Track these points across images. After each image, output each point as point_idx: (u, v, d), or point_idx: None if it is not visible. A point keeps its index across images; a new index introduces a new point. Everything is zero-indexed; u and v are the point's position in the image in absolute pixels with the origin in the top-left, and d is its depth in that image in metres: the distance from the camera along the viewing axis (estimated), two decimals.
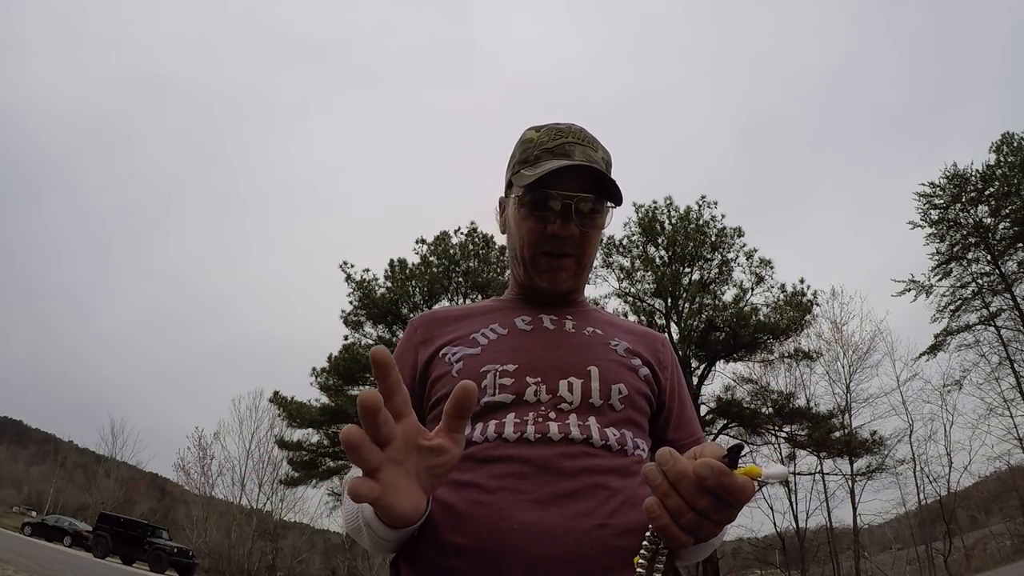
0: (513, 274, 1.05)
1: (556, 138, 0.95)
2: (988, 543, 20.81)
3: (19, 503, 38.86)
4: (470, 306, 1.05)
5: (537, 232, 0.94)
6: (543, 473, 0.76)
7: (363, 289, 19.67)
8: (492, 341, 0.93)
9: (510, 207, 1.01)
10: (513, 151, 1.02)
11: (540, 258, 0.96)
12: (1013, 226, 20.07)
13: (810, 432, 18.18)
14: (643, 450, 0.88)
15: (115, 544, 21.30)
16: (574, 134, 0.96)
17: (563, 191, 0.91)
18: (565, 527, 0.72)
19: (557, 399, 0.84)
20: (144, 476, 39.58)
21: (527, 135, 1.00)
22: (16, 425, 63.61)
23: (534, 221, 0.94)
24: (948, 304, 21.15)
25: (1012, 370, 19.29)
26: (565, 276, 0.97)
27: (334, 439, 20.62)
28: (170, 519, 30.90)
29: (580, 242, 0.94)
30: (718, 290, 18.24)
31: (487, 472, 0.78)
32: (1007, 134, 20.55)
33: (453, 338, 0.95)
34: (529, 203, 0.94)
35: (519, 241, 0.98)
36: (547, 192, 0.91)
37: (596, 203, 0.93)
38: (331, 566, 27.04)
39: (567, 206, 0.91)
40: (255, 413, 26.14)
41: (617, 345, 0.95)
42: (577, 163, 0.90)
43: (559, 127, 0.98)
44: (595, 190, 0.92)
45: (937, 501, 18.98)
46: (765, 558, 21.20)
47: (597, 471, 0.78)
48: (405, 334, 1.02)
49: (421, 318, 1.03)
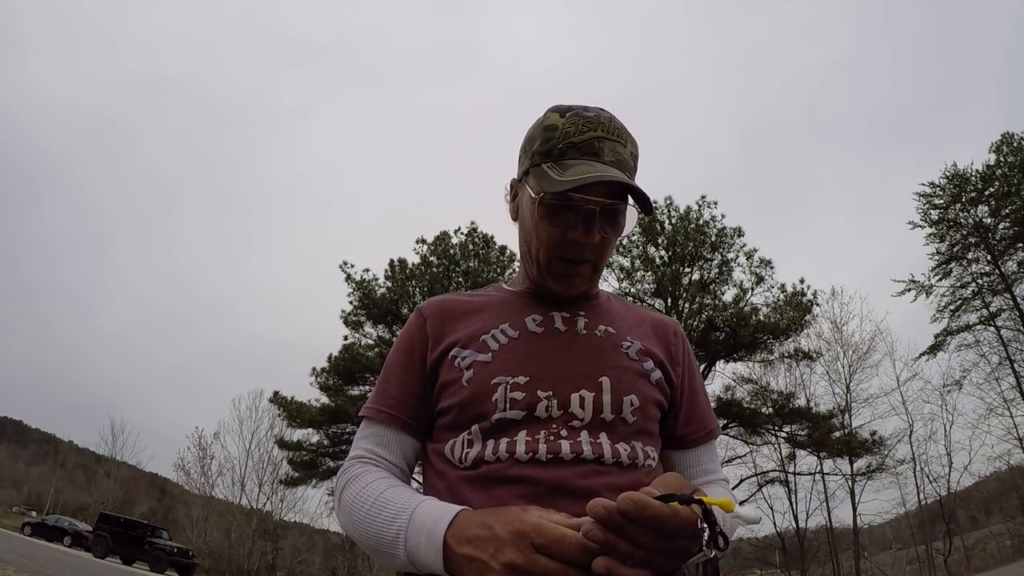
0: (524, 267, 1.00)
1: (584, 130, 0.88)
2: (988, 543, 20.80)
3: (19, 503, 38.87)
4: (480, 296, 1.02)
5: (556, 236, 0.89)
6: (555, 494, 0.76)
7: (363, 289, 19.67)
8: (503, 346, 0.90)
9: (526, 199, 0.94)
10: (532, 133, 0.95)
11: (556, 263, 0.91)
12: (1013, 226, 20.07)
13: (810, 432, 18.17)
14: (653, 458, 0.89)
15: (115, 544, 21.29)
16: (603, 125, 0.89)
17: (589, 195, 0.85)
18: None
19: (568, 415, 0.83)
20: (144, 476, 39.57)
21: (550, 120, 0.92)
22: (16, 425, 63.60)
23: (554, 225, 0.89)
24: (948, 304, 21.17)
25: (1012, 370, 19.30)
26: (580, 282, 0.94)
27: (334, 439, 20.62)
28: (170, 519, 30.88)
29: (599, 248, 0.91)
30: (718, 290, 18.23)
31: (500, 494, 0.77)
32: (1007, 134, 20.56)
33: (463, 337, 0.92)
34: (551, 206, 0.88)
35: (536, 242, 0.92)
36: (571, 198, 0.85)
37: (622, 212, 0.89)
38: (331, 566, 27.05)
39: (591, 212, 0.86)
40: (255, 413, 26.20)
41: (629, 347, 0.93)
42: (607, 178, 0.84)
43: (587, 115, 0.90)
44: (621, 196, 0.88)
45: (937, 501, 18.98)
46: (765, 558, 21.21)
47: (609, 489, 0.77)
48: (413, 321, 0.98)
49: (431, 305, 0.99)
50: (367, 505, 0.81)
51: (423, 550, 0.71)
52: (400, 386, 0.94)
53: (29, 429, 62.73)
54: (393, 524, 0.76)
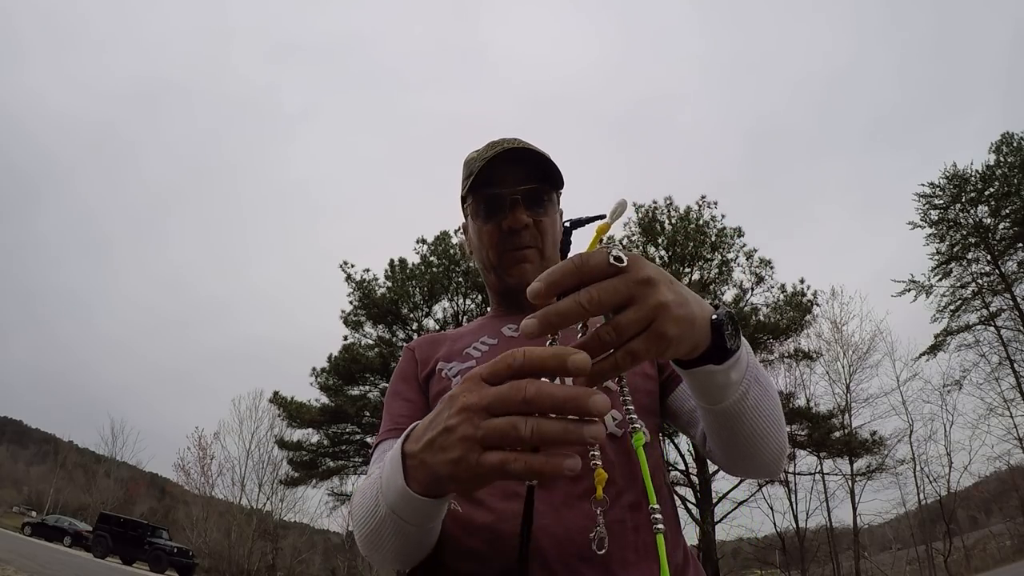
0: (488, 287, 1.08)
1: (492, 148, 0.98)
2: (988, 543, 20.82)
3: (19, 503, 38.87)
4: (460, 329, 1.08)
5: (494, 233, 0.98)
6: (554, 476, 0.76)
7: (363, 289, 19.67)
8: (484, 353, 0.95)
9: (469, 223, 1.05)
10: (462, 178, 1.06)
11: (504, 256, 0.99)
12: (1013, 226, 20.08)
13: (810, 432, 18.18)
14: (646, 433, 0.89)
15: (115, 544, 21.31)
16: (508, 141, 0.99)
17: (505, 188, 0.96)
18: (582, 527, 0.73)
19: None
20: (144, 476, 39.65)
21: (468, 157, 1.04)
22: (16, 425, 63.65)
23: (489, 224, 0.98)
24: (948, 304, 21.17)
25: (1012, 370, 19.31)
26: (530, 268, 0.98)
27: (334, 439, 20.64)
28: (170, 519, 30.91)
29: (537, 232, 0.97)
30: (718, 290, 18.23)
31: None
32: (1007, 134, 20.57)
33: (446, 353, 0.98)
34: (480, 209, 0.99)
35: (482, 248, 1.01)
36: (491, 192, 0.96)
37: (539, 190, 0.97)
38: (331, 566, 27.04)
39: (513, 200, 0.95)
40: (255, 413, 26.18)
41: None
42: (500, 148, 0.94)
43: (495, 140, 1.01)
44: (537, 180, 0.96)
45: (937, 501, 19.00)
46: (765, 558, 21.19)
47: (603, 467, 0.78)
48: (404, 356, 1.04)
49: (416, 341, 1.07)
50: (361, 491, 0.77)
51: (388, 478, 0.63)
52: (404, 404, 0.96)
53: (29, 429, 62.81)
54: (374, 486, 0.69)
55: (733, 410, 0.68)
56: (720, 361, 0.62)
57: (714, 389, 0.66)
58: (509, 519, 0.74)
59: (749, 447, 0.73)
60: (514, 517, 0.71)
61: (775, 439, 0.74)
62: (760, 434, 0.72)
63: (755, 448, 0.73)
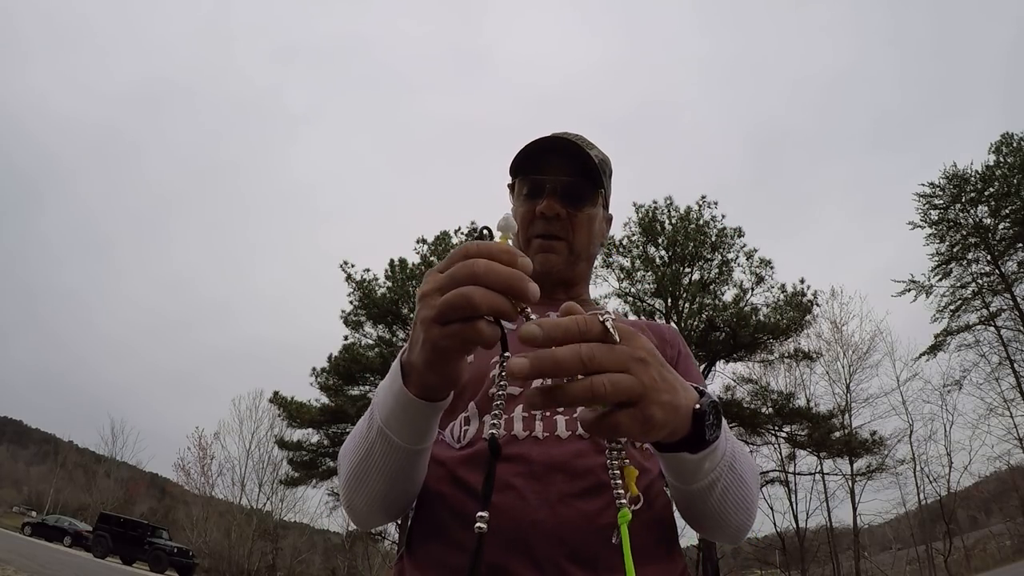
0: None
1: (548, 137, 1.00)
2: (988, 543, 20.82)
3: (19, 503, 38.90)
4: None
5: (528, 216, 0.99)
6: (552, 472, 0.76)
7: (363, 289, 19.68)
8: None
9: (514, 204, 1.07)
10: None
11: (532, 241, 1.00)
12: (1013, 226, 20.07)
13: (810, 432, 18.19)
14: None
15: (115, 544, 21.31)
16: (567, 133, 1.00)
17: (547, 175, 0.97)
18: (574, 526, 0.72)
19: None
20: (144, 476, 39.64)
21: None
22: (16, 425, 63.66)
23: (525, 206, 1.00)
24: (948, 304, 21.15)
25: (1012, 370, 19.30)
26: (556, 259, 0.99)
27: (334, 439, 20.63)
28: (170, 519, 30.90)
29: (569, 226, 0.98)
30: (718, 290, 18.24)
31: (497, 471, 0.77)
32: (1006, 134, 20.55)
33: None
34: (522, 190, 1.01)
35: (519, 228, 1.01)
36: (532, 178, 0.99)
37: (579, 185, 0.98)
38: (331, 566, 27.02)
39: (551, 187, 0.97)
40: (255, 413, 26.20)
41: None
42: (542, 137, 0.96)
43: (558, 132, 1.01)
44: (578, 175, 0.98)
45: (937, 501, 19.00)
46: (765, 558, 21.21)
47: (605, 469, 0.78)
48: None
49: None
50: (355, 428, 0.80)
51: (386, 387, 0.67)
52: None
53: (29, 429, 62.82)
54: (367, 414, 0.74)
55: (700, 494, 0.70)
56: (695, 451, 0.61)
57: (685, 473, 0.66)
58: (501, 512, 0.73)
59: (713, 521, 0.76)
60: (508, 510, 0.72)
61: (742, 519, 0.77)
62: (726, 515, 0.74)
63: (720, 523, 0.76)
